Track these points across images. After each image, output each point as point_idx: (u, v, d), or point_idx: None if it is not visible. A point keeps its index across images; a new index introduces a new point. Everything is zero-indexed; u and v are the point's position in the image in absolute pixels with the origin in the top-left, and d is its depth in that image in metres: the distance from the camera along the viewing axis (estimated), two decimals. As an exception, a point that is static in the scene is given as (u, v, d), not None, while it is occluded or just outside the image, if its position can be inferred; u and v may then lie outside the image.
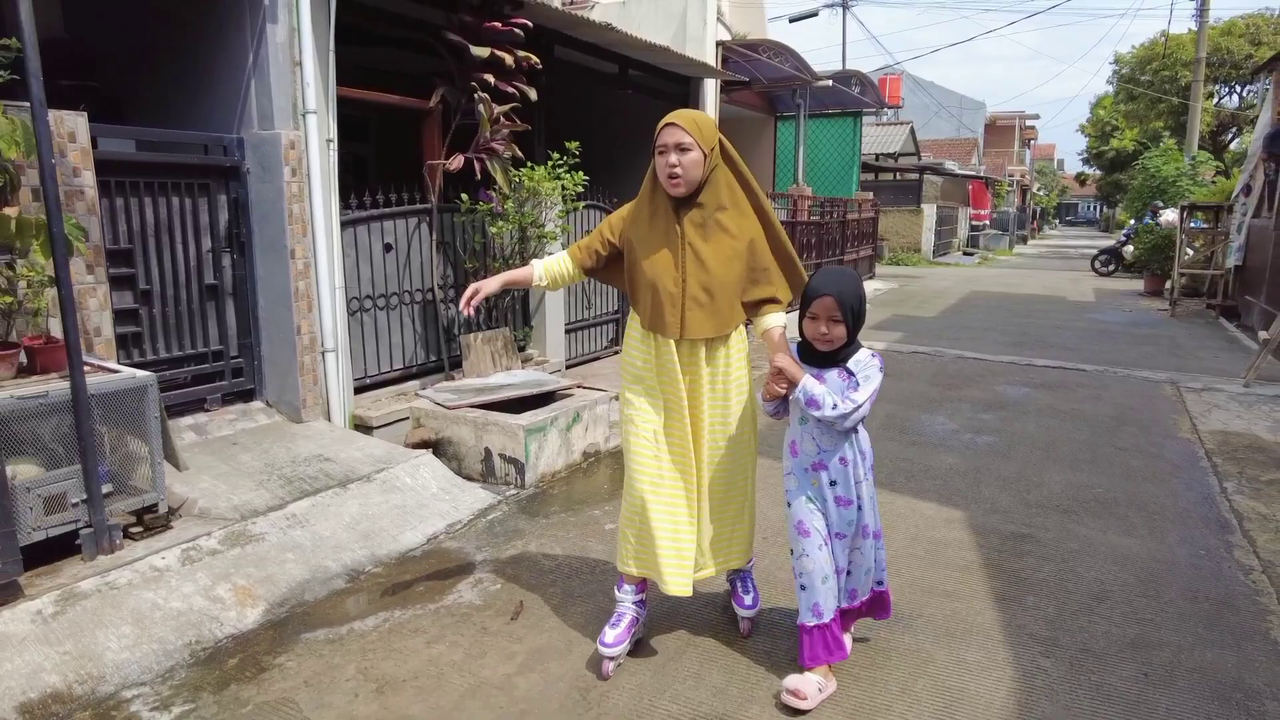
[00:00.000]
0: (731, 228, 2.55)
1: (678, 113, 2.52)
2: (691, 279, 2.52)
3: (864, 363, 2.38)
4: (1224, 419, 5.84)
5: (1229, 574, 3.37)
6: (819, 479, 2.46)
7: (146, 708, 2.44)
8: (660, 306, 2.55)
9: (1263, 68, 12.40)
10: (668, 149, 2.46)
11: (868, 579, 2.58)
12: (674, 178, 2.47)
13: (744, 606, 2.86)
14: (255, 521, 3.48)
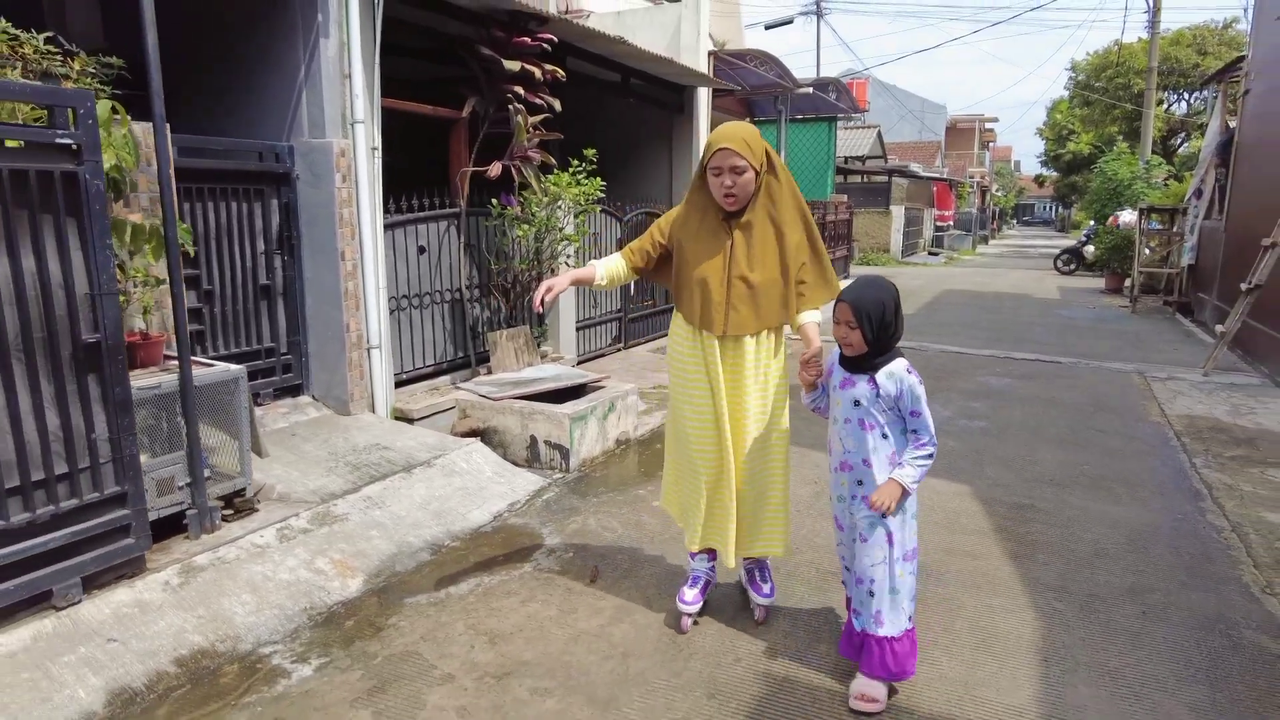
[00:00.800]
0: (774, 234, 2.70)
1: (728, 134, 2.60)
2: (736, 281, 2.68)
3: (897, 376, 2.39)
4: (1188, 404, 6.39)
5: (1204, 533, 3.85)
6: (846, 479, 2.52)
7: (287, 661, 2.75)
8: (707, 305, 2.72)
9: (1212, 78, 13.18)
10: (723, 171, 2.60)
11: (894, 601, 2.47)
12: (730, 196, 2.63)
13: (761, 594, 3.00)
14: (336, 503, 3.79)
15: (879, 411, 2.43)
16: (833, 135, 16.96)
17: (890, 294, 2.42)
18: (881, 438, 2.44)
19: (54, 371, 2.72)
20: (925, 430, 2.41)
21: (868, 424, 2.44)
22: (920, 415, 2.41)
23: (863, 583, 2.49)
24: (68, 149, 2.69)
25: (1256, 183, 9.13)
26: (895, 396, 2.40)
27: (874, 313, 2.37)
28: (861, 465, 2.47)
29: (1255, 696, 2.56)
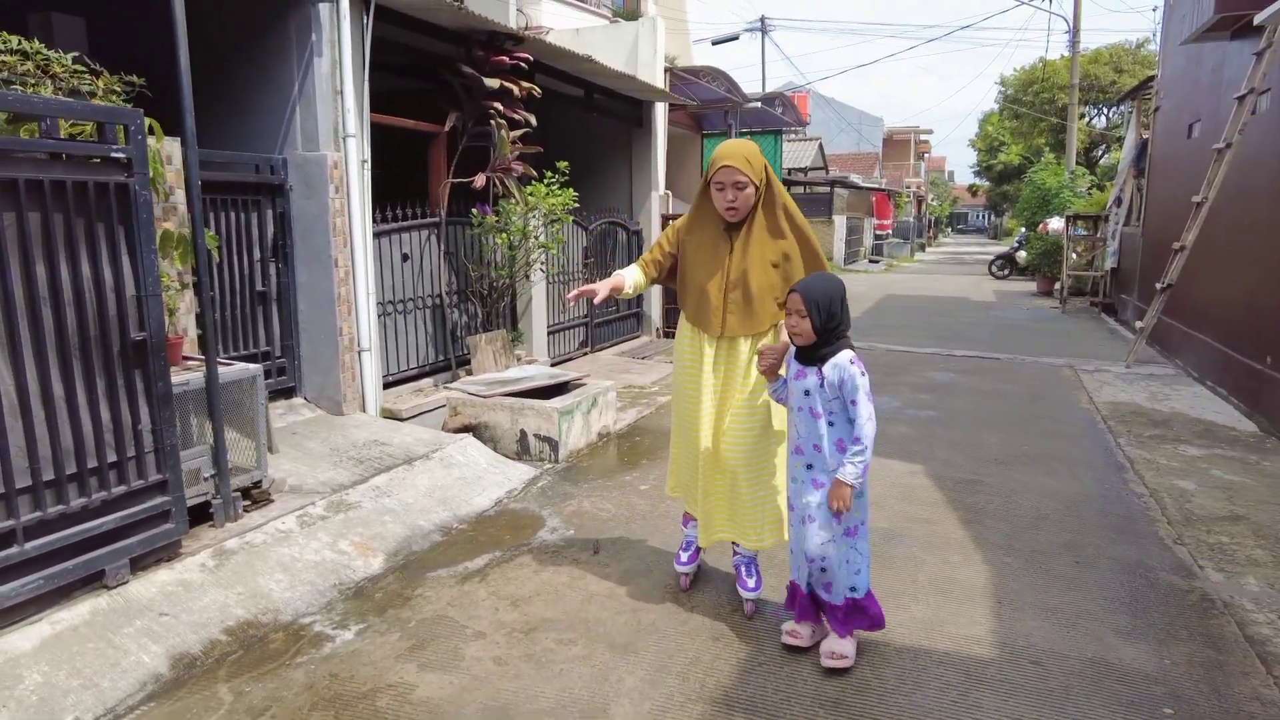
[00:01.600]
0: (771, 243, 2.89)
1: (731, 152, 2.81)
2: (733, 287, 2.89)
3: (840, 365, 2.56)
4: (1112, 393, 7.01)
5: (1128, 499, 4.37)
6: (799, 461, 2.71)
7: (328, 628, 3.02)
8: (705, 309, 2.95)
9: (1128, 95, 14.16)
10: (725, 186, 2.80)
11: (840, 576, 2.68)
12: (732, 209, 2.84)
13: (748, 589, 3.11)
14: (347, 493, 4.05)
15: (824, 401, 2.60)
16: (779, 148, 17.62)
17: (837, 288, 2.61)
18: (829, 425, 2.62)
19: (106, 367, 2.96)
20: (858, 423, 2.55)
21: (815, 412, 2.62)
22: (857, 405, 2.55)
23: (814, 561, 2.68)
24: (120, 163, 2.94)
25: (1168, 192, 9.94)
26: (838, 385, 2.56)
27: (822, 302, 2.55)
28: (812, 450, 2.66)
29: (1166, 621, 3.04)
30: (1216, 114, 7.95)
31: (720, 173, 2.80)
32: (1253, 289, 6.61)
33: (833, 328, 2.58)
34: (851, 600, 2.71)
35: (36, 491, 2.77)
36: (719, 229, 2.95)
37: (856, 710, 2.49)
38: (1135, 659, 2.78)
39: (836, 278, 2.66)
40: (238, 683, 2.65)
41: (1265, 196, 6.56)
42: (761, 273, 2.90)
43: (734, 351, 2.98)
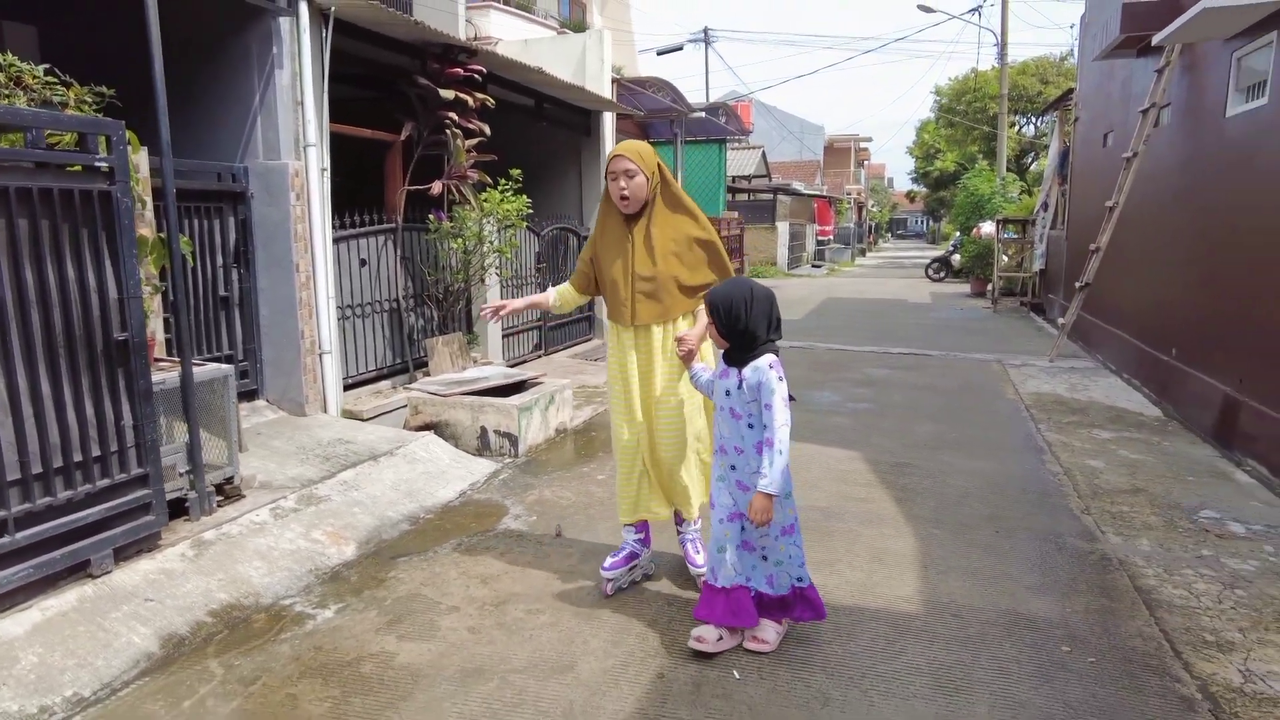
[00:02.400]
0: (670, 233, 3.06)
1: (623, 145, 3.06)
2: (638, 276, 3.05)
3: (760, 370, 2.60)
4: (1036, 385, 7.51)
5: (1045, 477, 4.79)
6: (723, 461, 2.77)
7: (309, 608, 3.21)
8: (616, 300, 3.12)
9: (1052, 105, 14.95)
10: (618, 175, 2.99)
11: (782, 572, 2.77)
12: (624, 198, 3.02)
13: (695, 565, 3.28)
14: (317, 488, 4.22)
15: (742, 403, 2.65)
16: (723, 156, 18.10)
17: (741, 291, 2.64)
18: (748, 427, 2.66)
19: (90, 365, 3.10)
20: (772, 428, 2.55)
21: (735, 413, 2.69)
22: (771, 410, 2.56)
23: (754, 550, 2.78)
24: (103, 171, 3.10)
25: (1087, 198, 10.60)
26: (755, 388, 2.60)
27: (721, 305, 2.63)
28: (733, 451, 2.72)
29: (1070, 577, 3.42)
30: (1126, 125, 8.56)
31: (612, 163, 3.01)
32: (1159, 288, 7.17)
33: (740, 329, 2.62)
34: (798, 590, 2.78)
35: (26, 484, 2.90)
36: (621, 224, 3.11)
37: (796, 659, 2.78)
38: (1042, 609, 3.14)
39: (746, 284, 2.69)
40: (226, 658, 2.83)
41: (1168, 203, 7.13)
42: (664, 261, 3.04)
43: (648, 340, 3.11)
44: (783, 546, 2.75)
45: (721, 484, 2.80)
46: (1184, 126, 6.98)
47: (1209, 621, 3.04)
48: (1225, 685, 2.62)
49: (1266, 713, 2.47)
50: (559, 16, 14.79)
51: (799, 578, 2.79)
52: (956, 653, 2.82)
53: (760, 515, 2.58)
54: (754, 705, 2.51)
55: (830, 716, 2.46)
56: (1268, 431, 4.87)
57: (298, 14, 5.12)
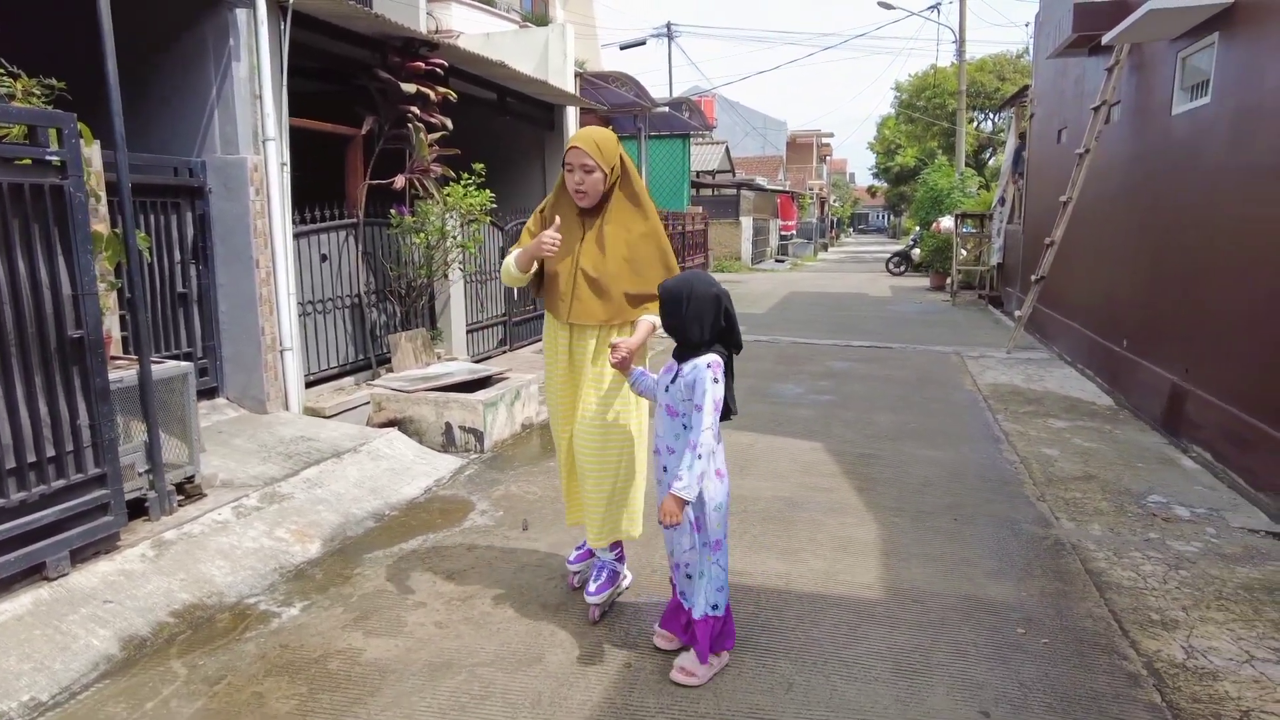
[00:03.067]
0: (624, 233, 2.87)
1: (582, 136, 2.83)
2: (582, 273, 2.86)
3: (698, 368, 2.48)
4: (994, 376, 7.68)
5: (1002, 465, 4.91)
6: (659, 463, 2.67)
7: (274, 606, 3.18)
8: (554, 293, 2.94)
9: (1008, 102, 15.25)
10: (574, 168, 2.81)
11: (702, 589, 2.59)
12: (580, 192, 2.84)
13: (588, 593, 3.01)
14: (279, 485, 4.17)
15: (679, 400, 2.54)
16: (687, 151, 18.18)
17: (685, 287, 2.51)
18: (684, 428, 2.55)
19: (44, 363, 3.04)
20: (696, 430, 2.45)
21: (673, 410, 2.58)
22: (700, 411, 2.45)
23: (679, 568, 2.67)
24: (54, 165, 3.03)
25: (1042, 192, 10.84)
26: (690, 385, 2.49)
27: (665, 296, 2.54)
28: (665, 451, 2.61)
29: (1026, 562, 3.52)
30: (1079, 121, 8.77)
31: (569, 154, 2.82)
32: (1111, 281, 7.37)
33: (676, 325, 2.53)
34: (713, 619, 2.60)
35: (-23, 485, 2.84)
36: (575, 214, 2.92)
37: (760, 645, 2.83)
38: (999, 593, 3.23)
39: (691, 280, 2.56)
40: (190, 658, 2.80)
41: (1119, 198, 7.33)
42: (613, 263, 2.86)
43: (583, 341, 2.95)
44: (709, 558, 2.59)
45: (660, 487, 2.68)
46: (1133, 124, 7.18)
47: (1154, 601, 3.15)
48: (1169, 661, 2.72)
49: (1207, 686, 2.58)
50: (521, 10, 14.70)
51: (714, 604, 2.60)
52: (917, 637, 2.90)
53: (668, 517, 2.44)
54: (719, 692, 2.55)
55: (794, 701, 2.51)
56: (1211, 419, 5.04)
57: (255, 6, 5.03)
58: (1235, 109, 5.15)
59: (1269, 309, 4.53)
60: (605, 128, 3.20)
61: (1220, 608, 3.09)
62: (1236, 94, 5.15)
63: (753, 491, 4.42)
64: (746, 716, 2.43)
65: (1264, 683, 2.59)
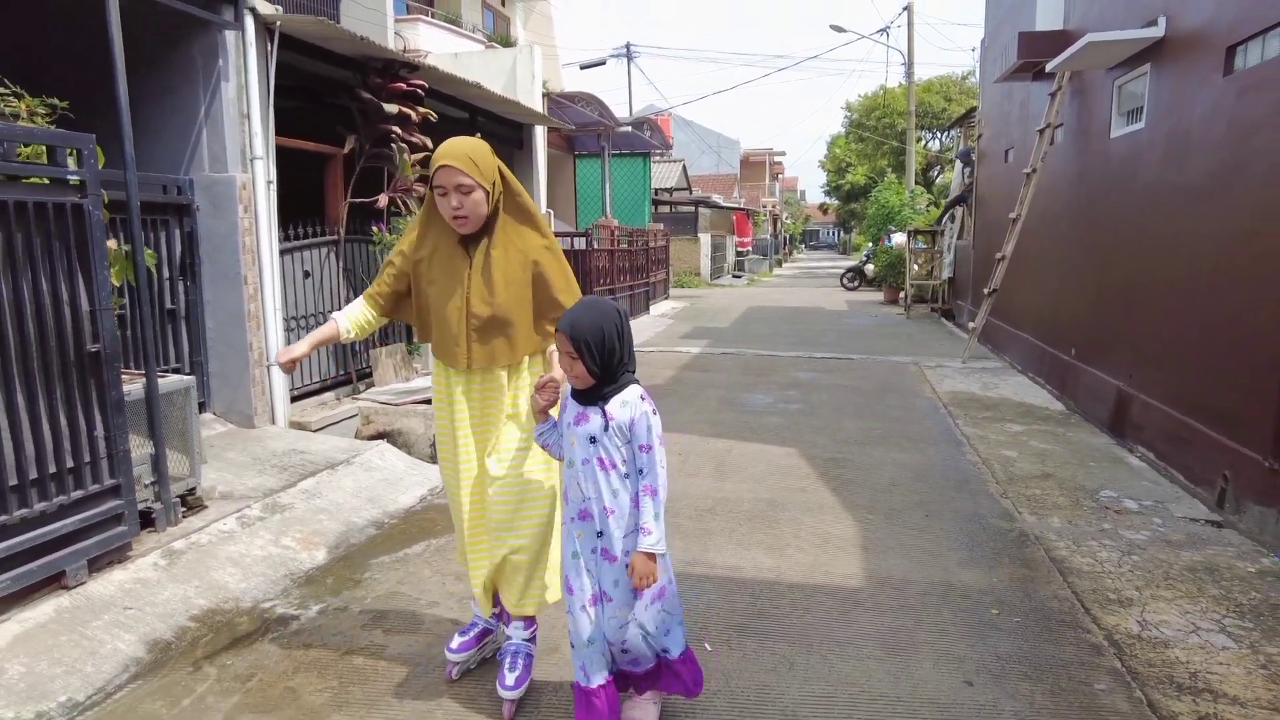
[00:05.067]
0: (517, 254, 2.49)
1: (450, 150, 2.39)
2: (476, 311, 2.45)
3: (630, 404, 2.17)
4: (951, 384, 8.06)
5: (965, 466, 5.23)
6: (584, 530, 2.25)
7: (290, 610, 3.30)
8: (446, 337, 2.49)
9: (957, 122, 15.90)
10: (448, 190, 2.37)
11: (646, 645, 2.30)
12: (460, 218, 2.41)
13: (504, 686, 2.54)
14: (279, 496, 4.27)
15: (614, 447, 2.18)
16: (648, 169, 18.54)
17: (610, 316, 2.19)
18: (622, 478, 2.20)
19: (64, 376, 3.14)
20: (652, 473, 2.17)
21: (606, 463, 2.19)
22: (651, 451, 2.17)
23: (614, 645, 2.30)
24: (74, 185, 3.14)
25: (992, 210, 11.37)
26: (628, 427, 2.17)
27: (593, 339, 2.13)
28: (601, 514, 2.21)
29: (994, 552, 3.81)
30: (1025, 142, 9.27)
31: (439, 174, 2.39)
32: (1059, 294, 7.82)
33: (613, 363, 2.17)
34: (664, 660, 2.35)
35: (2, 496, 2.92)
36: (454, 242, 2.50)
37: (760, 631, 3.05)
38: (971, 580, 3.50)
39: (607, 304, 2.26)
40: (217, 659, 2.91)
41: (1064, 215, 7.80)
42: (509, 292, 2.48)
43: (490, 384, 2.55)
44: (659, 610, 2.29)
45: (577, 561, 2.26)
46: (1075, 146, 7.65)
47: (1111, 583, 3.45)
48: (1126, 633, 3.02)
49: (1160, 653, 2.87)
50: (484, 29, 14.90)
51: (665, 648, 2.34)
52: (901, 619, 3.14)
53: (644, 580, 2.17)
54: (728, 672, 2.76)
55: (796, 677, 2.73)
56: (1154, 421, 5.44)
57: (244, 28, 5.16)
58: (1167, 134, 5.59)
59: (1200, 319, 4.94)
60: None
61: (1168, 586, 3.41)
62: (1168, 120, 5.60)
63: (734, 494, 4.66)
64: (755, 692, 2.65)
65: (1208, 649, 2.90)
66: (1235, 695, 2.61)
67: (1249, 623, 3.09)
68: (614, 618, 2.25)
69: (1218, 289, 4.78)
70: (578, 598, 2.26)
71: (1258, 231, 4.38)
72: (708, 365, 9.28)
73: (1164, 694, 2.62)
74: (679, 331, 12.50)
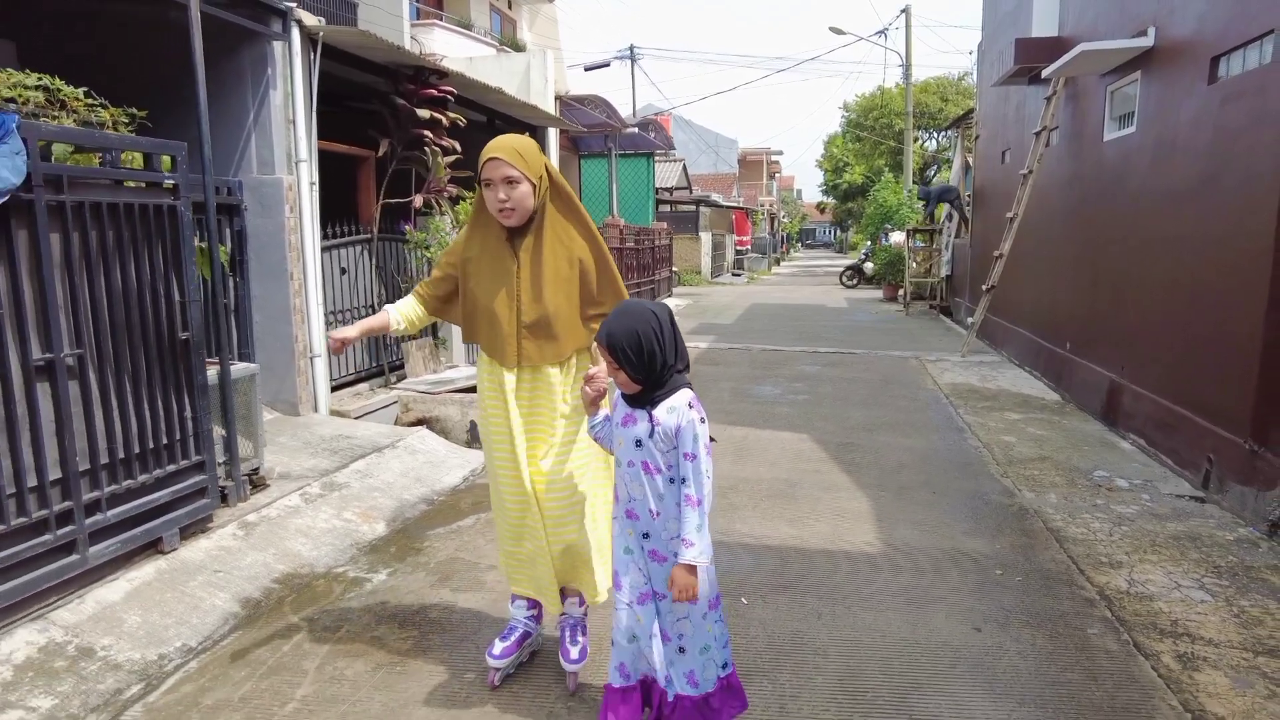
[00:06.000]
0: (563, 254, 2.52)
1: (499, 145, 2.45)
2: (527, 308, 2.49)
3: (678, 410, 2.13)
4: (951, 376, 8.43)
5: (967, 449, 5.59)
6: (632, 528, 2.25)
7: (362, 573, 3.64)
8: (496, 336, 2.51)
9: (954, 123, 16.27)
10: (495, 183, 2.42)
11: (706, 660, 2.25)
12: (506, 210, 2.44)
13: (568, 660, 2.67)
14: (335, 476, 4.61)
15: (660, 453, 2.16)
16: (651, 169, 18.88)
17: (646, 320, 2.14)
18: (668, 483, 2.18)
19: (160, 361, 3.47)
20: (697, 482, 2.11)
21: (651, 467, 2.18)
22: (695, 460, 2.11)
23: (670, 640, 2.26)
24: (168, 188, 3.48)
25: (989, 209, 11.74)
26: (674, 434, 2.14)
27: (630, 347, 2.12)
28: (648, 515, 2.21)
29: (996, 524, 4.17)
30: (1021, 144, 9.64)
31: (487, 167, 2.44)
32: (1055, 290, 8.19)
33: (657, 367, 2.14)
34: (724, 680, 2.30)
35: (113, 468, 3.26)
36: (501, 239, 2.54)
37: (790, 588, 3.41)
38: (976, 547, 3.86)
39: (643, 309, 2.19)
40: (305, 613, 3.25)
41: (1059, 214, 8.17)
42: (558, 288, 2.52)
43: (539, 380, 2.57)
44: (709, 627, 2.25)
45: (629, 557, 2.27)
46: (1070, 148, 8.02)
47: (1103, 549, 3.82)
48: (1116, 590, 3.38)
49: (1145, 605, 3.23)
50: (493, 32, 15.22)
51: (724, 663, 2.29)
52: (916, 578, 3.50)
53: (684, 593, 2.12)
54: (764, 621, 3.12)
55: (825, 625, 3.09)
56: (1144, 410, 5.80)
57: (290, 39, 5.49)
58: (1156, 139, 5.95)
59: (1187, 315, 5.30)
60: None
61: (1154, 552, 3.77)
62: (1156, 125, 5.96)
63: (754, 474, 5.01)
64: (790, 636, 3.00)
65: (1189, 602, 3.26)
66: (1210, 638, 2.97)
67: (1225, 581, 3.46)
68: (670, 612, 2.23)
69: (1201, 287, 5.14)
70: (625, 594, 2.26)
71: (1236, 234, 4.74)
72: (716, 359, 9.63)
73: (1148, 637, 2.98)
74: (686, 327, 12.84)
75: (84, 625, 2.94)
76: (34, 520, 2.93)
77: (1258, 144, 4.61)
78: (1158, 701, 2.60)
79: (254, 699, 2.65)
